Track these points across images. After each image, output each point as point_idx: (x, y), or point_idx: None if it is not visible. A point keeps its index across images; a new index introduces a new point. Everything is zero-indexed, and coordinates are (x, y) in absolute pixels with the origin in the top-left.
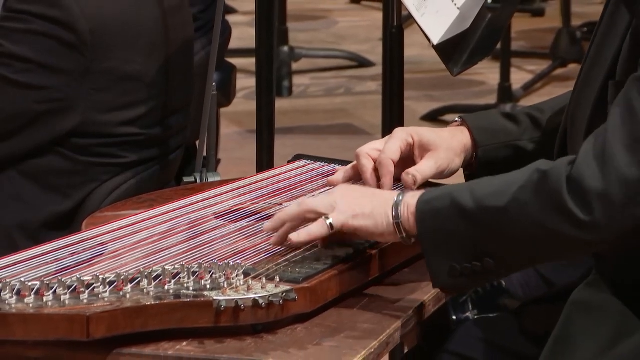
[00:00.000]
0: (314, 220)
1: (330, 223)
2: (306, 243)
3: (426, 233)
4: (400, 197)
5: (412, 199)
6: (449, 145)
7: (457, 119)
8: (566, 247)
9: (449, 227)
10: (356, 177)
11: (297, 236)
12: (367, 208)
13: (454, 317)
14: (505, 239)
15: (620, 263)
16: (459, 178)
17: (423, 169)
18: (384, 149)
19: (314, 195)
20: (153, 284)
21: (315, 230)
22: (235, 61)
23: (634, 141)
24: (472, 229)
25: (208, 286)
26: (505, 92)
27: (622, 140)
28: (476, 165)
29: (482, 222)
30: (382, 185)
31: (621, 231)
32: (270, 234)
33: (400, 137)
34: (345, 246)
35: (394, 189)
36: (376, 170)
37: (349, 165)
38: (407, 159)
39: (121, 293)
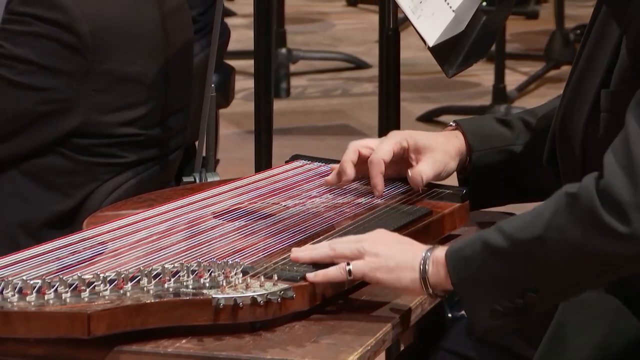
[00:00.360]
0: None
1: (350, 270)
2: (322, 283)
3: (461, 281)
4: (429, 253)
5: (440, 252)
6: (444, 148)
7: (451, 123)
8: (609, 266)
9: (484, 270)
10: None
11: (313, 276)
12: (392, 262)
13: (450, 315)
14: (545, 269)
15: None
16: (453, 181)
17: (423, 169)
18: (377, 148)
19: (343, 233)
20: (153, 282)
21: (332, 274)
22: (234, 63)
23: None
24: (508, 266)
25: (207, 284)
26: (499, 93)
27: None
28: (470, 169)
29: (518, 256)
30: (373, 186)
31: None
32: (269, 233)
33: (394, 140)
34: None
35: (385, 189)
36: (361, 166)
37: (341, 165)
38: (401, 162)
39: (121, 291)
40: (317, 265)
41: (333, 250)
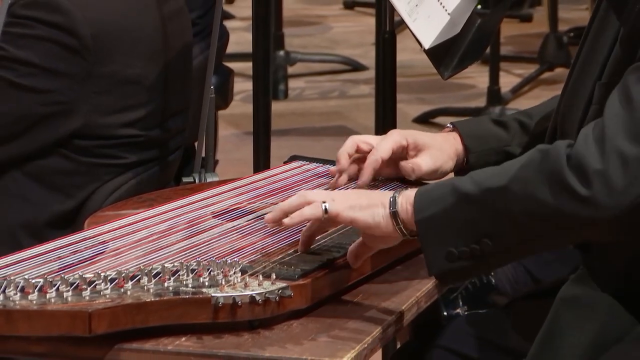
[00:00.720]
0: None
1: (326, 207)
2: (299, 224)
3: (423, 220)
4: (399, 191)
5: (411, 191)
6: (441, 147)
7: (448, 125)
8: (565, 226)
9: (448, 211)
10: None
11: (290, 220)
12: (364, 201)
13: (445, 313)
14: (503, 218)
15: (607, 258)
16: None
17: (420, 162)
18: (377, 146)
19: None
20: (153, 281)
21: (308, 211)
22: (232, 65)
23: (633, 126)
24: (472, 211)
25: (206, 283)
26: (494, 95)
27: (622, 125)
28: (467, 170)
29: (483, 202)
30: (360, 176)
31: (619, 209)
32: (267, 233)
33: (394, 139)
34: (339, 245)
35: (381, 189)
36: (357, 161)
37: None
38: (399, 160)
39: (122, 290)
40: (312, 260)
41: (304, 195)
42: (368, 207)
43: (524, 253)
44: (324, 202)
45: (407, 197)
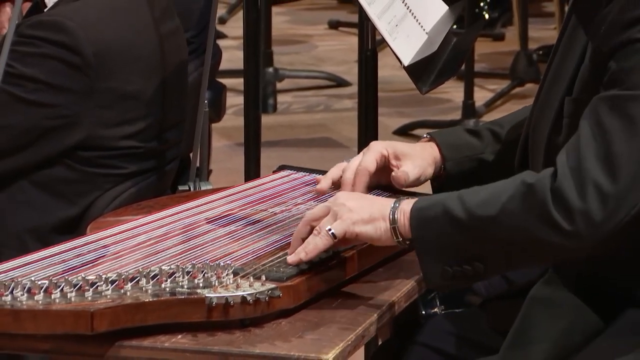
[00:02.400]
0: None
1: (332, 233)
2: (316, 256)
3: (420, 238)
4: (397, 204)
5: (407, 205)
6: (421, 155)
7: (425, 135)
8: (550, 253)
9: (442, 234)
10: (336, 184)
11: (306, 256)
12: (366, 214)
13: (423, 312)
14: (494, 245)
15: (577, 262)
16: (427, 188)
17: (408, 169)
18: (362, 160)
19: (308, 208)
20: (151, 282)
21: (320, 242)
22: (225, 81)
23: (607, 157)
24: (464, 237)
25: (201, 284)
26: (469, 108)
27: (597, 158)
28: (444, 177)
29: (474, 230)
30: (354, 190)
31: (600, 240)
32: (257, 237)
33: (375, 150)
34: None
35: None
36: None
37: (329, 174)
38: (381, 170)
39: (122, 291)
40: (297, 267)
41: (308, 223)
42: (370, 220)
43: (513, 269)
44: (329, 230)
45: (404, 213)
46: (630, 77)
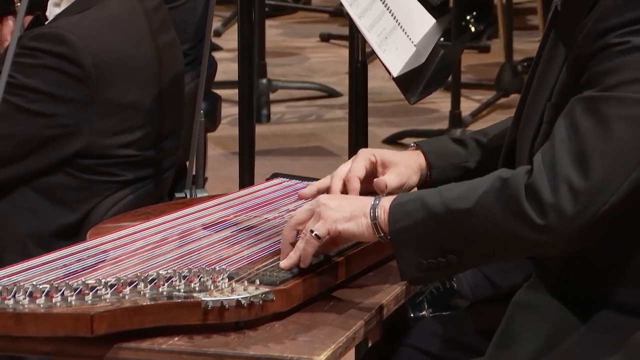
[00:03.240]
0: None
1: (316, 234)
2: (310, 261)
3: (397, 231)
4: (377, 201)
5: (387, 202)
6: (407, 163)
7: (412, 144)
8: (522, 247)
9: (419, 226)
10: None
11: (303, 264)
12: (347, 212)
13: (412, 315)
14: (469, 238)
15: (558, 267)
16: None
17: (388, 178)
18: (351, 168)
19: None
20: (149, 286)
21: (308, 247)
22: (220, 92)
23: (579, 155)
24: (439, 229)
25: (197, 288)
26: (455, 118)
27: (569, 155)
28: (430, 183)
29: (449, 222)
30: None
31: (571, 235)
32: (251, 243)
33: (364, 157)
34: (315, 253)
35: None
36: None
37: (318, 181)
38: (371, 176)
39: (121, 294)
40: (289, 271)
41: (294, 227)
42: (352, 217)
43: (486, 264)
44: (312, 232)
45: (383, 209)
46: (604, 79)
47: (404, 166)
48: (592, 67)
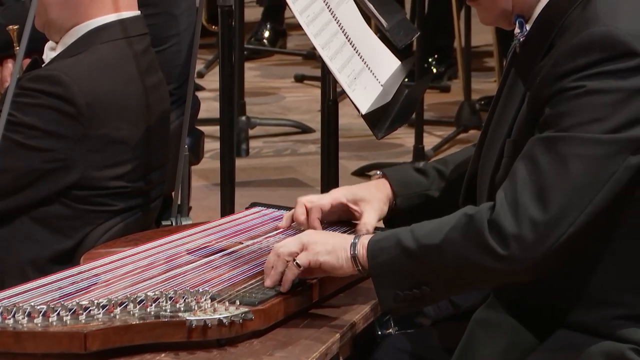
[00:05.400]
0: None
1: (297, 263)
2: (290, 285)
3: (376, 266)
4: (357, 239)
5: (365, 239)
6: (378, 197)
7: (377, 172)
8: (487, 277)
9: (394, 261)
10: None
11: (283, 289)
12: (329, 246)
13: (379, 332)
14: (438, 270)
15: (515, 287)
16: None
17: (369, 220)
18: (318, 200)
19: (277, 240)
20: (138, 307)
21: (289, 273)
22: (203, 128)
23: (539, 190)
24: (412, 264)
25: (182, 308)
26: (419, 152)
27: (531, 192)
28: (396, 210)
29: (421, 257)
30: (310, 227)
31: (532, 264)
32: (232, 266)
33: (334, 196)
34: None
35: (329, 229)
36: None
37: (290, 212)
38: (340, 211)
39: (112, 314)
40: (270, 289)
41: (278, 255)
42: (333, 251)
43: (457, 293)
44: (294, 261)
45: (362, 245)
46: (562, 120)
47: (376, 200)
48: (549, 109)
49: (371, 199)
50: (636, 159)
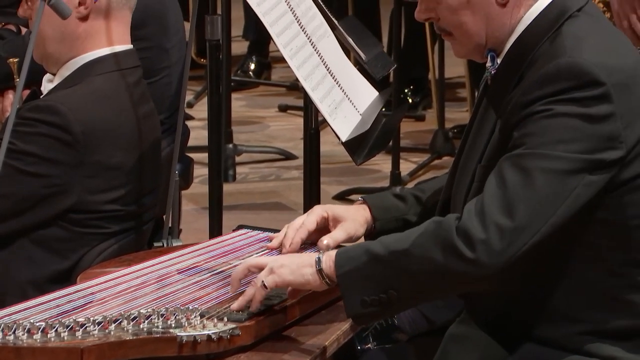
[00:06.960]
0: (257, 272)
1: (264, 283)
2: (258, 305)
3: (343, 274)
4: (322, 254)
5: (332, 252)
6: (354, 217)
7: (359, 198)
8: (455, 281)
9: (362, 268)
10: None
11: (254, 308)
12: (294, 265)
13: (359, 347)
14: (406, 274)
15: (486, 304)
16: None
17: (335, 235)
18: (304, 221)
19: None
20: (131, 323)
21: (258, 295)
22: (192, 155)
23: (506, 201)
24: (380, 268)
25: (173, 325)
26: (395, 178)
27: (498, 202)
28: (375, 234)
29: (389, 262)
30: (291, 244)
31: (497, 269)
32: (220, 285)
33: (317, 213)
34: (276, 295)
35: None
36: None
37: (280, 233)
38: (323, 229)
39: (107, 331)
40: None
41: (247, 267)
42: (298, 269)
43: (423, 301)
44: (262, 282)
45: (329, 256)
46: (529, 140)
47: (351, 220)
48: (518, 131)
49: (347, 218)
50: (595, 177)
